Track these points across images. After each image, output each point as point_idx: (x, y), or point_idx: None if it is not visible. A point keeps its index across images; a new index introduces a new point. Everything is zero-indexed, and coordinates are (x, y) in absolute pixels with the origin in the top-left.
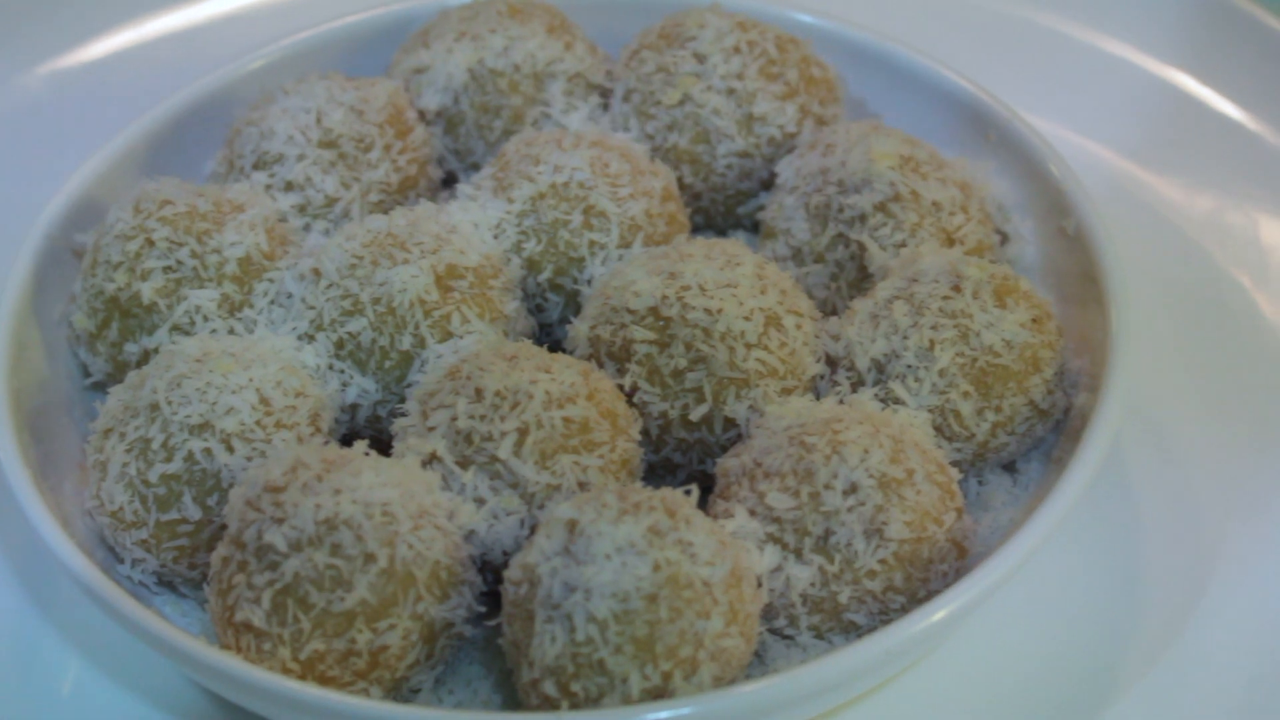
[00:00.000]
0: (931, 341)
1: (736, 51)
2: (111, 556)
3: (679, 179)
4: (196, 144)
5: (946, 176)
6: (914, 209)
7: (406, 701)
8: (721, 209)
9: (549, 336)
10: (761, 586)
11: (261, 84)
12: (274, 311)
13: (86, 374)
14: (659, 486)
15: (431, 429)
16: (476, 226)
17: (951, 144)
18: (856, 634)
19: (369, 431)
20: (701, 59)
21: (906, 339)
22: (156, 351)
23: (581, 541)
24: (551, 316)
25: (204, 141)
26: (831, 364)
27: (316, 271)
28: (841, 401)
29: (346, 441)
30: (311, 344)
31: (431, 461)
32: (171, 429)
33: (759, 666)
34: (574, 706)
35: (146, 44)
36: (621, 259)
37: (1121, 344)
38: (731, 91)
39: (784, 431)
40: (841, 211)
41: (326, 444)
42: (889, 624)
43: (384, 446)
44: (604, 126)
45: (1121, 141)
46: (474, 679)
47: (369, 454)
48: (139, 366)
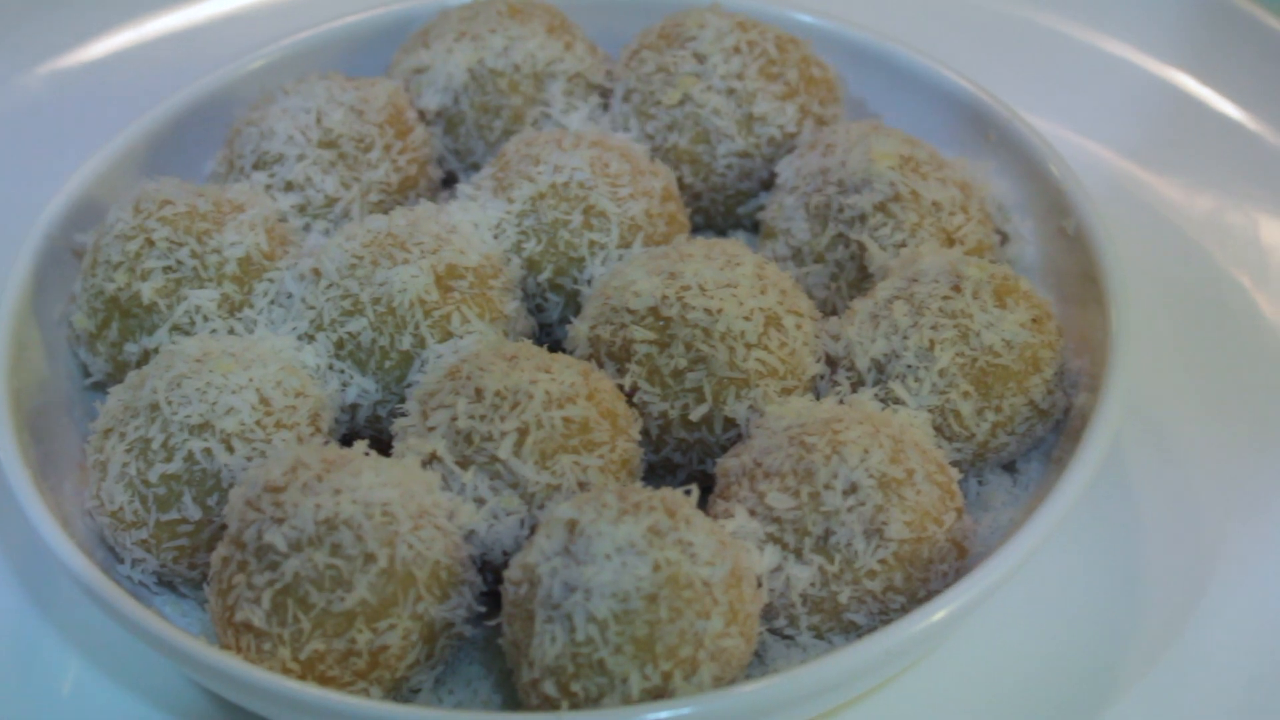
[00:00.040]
0: (931, 341)
1: (736, 51)
2: (111, 556)
3: (679, 179)
4: (196, 144)
5: (946, 176)
6: (914, 209)
7: (406, 701)
8: (721, 209)
9: (549, 336)
10: (761, 586)
11: (261, 84)
12: (274, 311)
13: (86, 374)
14: (659, 486)
15: (431, 429)
16: (476, 226)
17: (951, 144)
18: (856, 634)
19: (369, 431)
20: (701, 59)
21: (906, 339)
22: (156, 351)
23: (581, 541)
24: (551, 316)
25: (204, 141)
26: (831, 364)
27: (316, 271)
28: (841, 401)
29: (346, 441)
30: (311, 344)
31: (431, 461)
32: (171, 429)
33: (759, 666)
34: (574, 706)
35: (146, 44)
36: (621, 259)
37: (1121, 344)
38: (731, 91)
39: (784, 431)
40: (841, 211)
41: (326, 444)
42: (889, 624)
43: (384, 447)
44: (604, 126)
45: (1121, 141)
46: (474, 679)
47: (369, 454)
48: (139, 366)
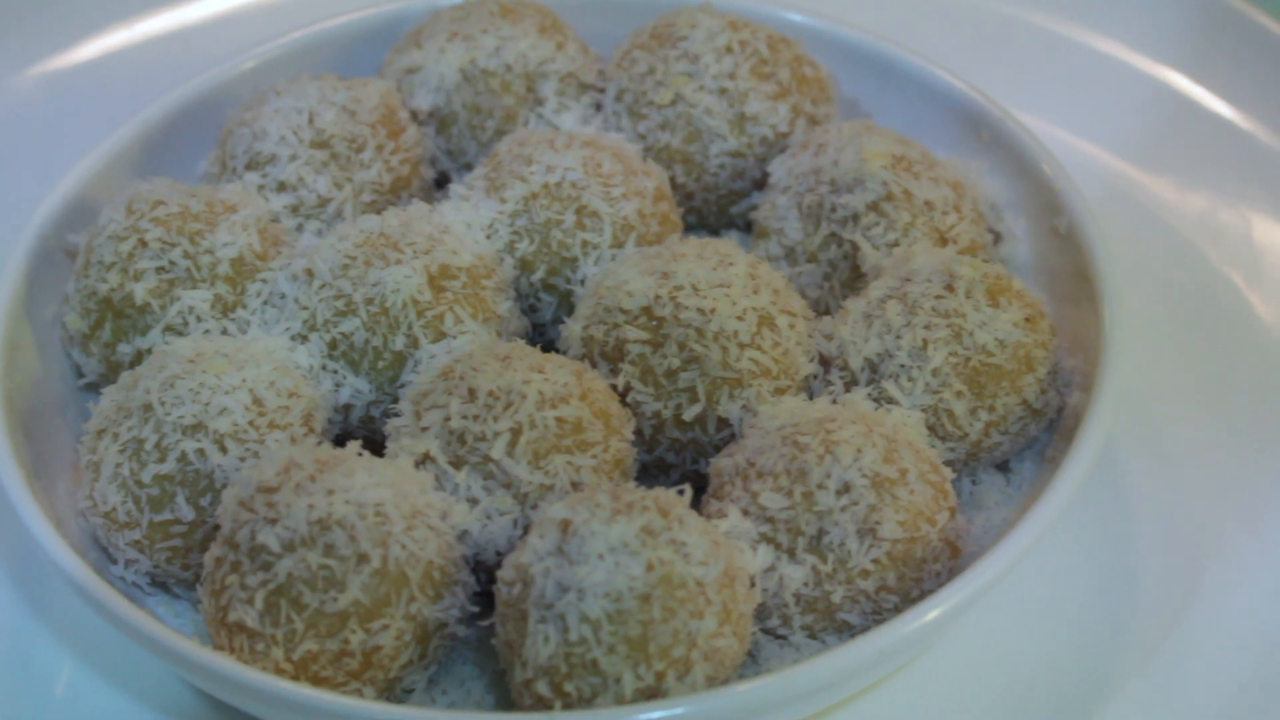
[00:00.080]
0: (925, 341)
1: (728, 51)
2: (105, 557)
3: (671, 179)
4: (189, 144)
5: (939, 176)
6: (906, 208)
7: (400, 702)
8: (714, 209)
9: (542, 336)
10: (755, 586)
11: (254, 84)
12: (267, 312)
13: (80, 375)
14: (652, 486)
15: (425, 429)
16: (469, 226)
17: (944, 143)
18: (850, 634)
19: (362, 432)
20: (693, 59)
21: (900, 338)
22: (149, 352)
23: (575, 541)
24: (545, 316)
25: (196, 142)
26: (825, 364)
27: (309, 272)
28: (835, 401)
29: (340, 442)
30: (304, 344)
31: (425, 462)
32: (165, 429)
33: (752, 666)
34: (567, 707)
35: (139, 44)
36: (614, 259)
37: (1114, 343)
38: (724, 91)
39: (777, 431)
40: (834, 211)
41: (320, 444)
42: (882, 624)
43: (377, 447)
44: (596, 126)
45: (1114, 141)
46: (467, 679)
47: (362, 454)
48: (132, 367)
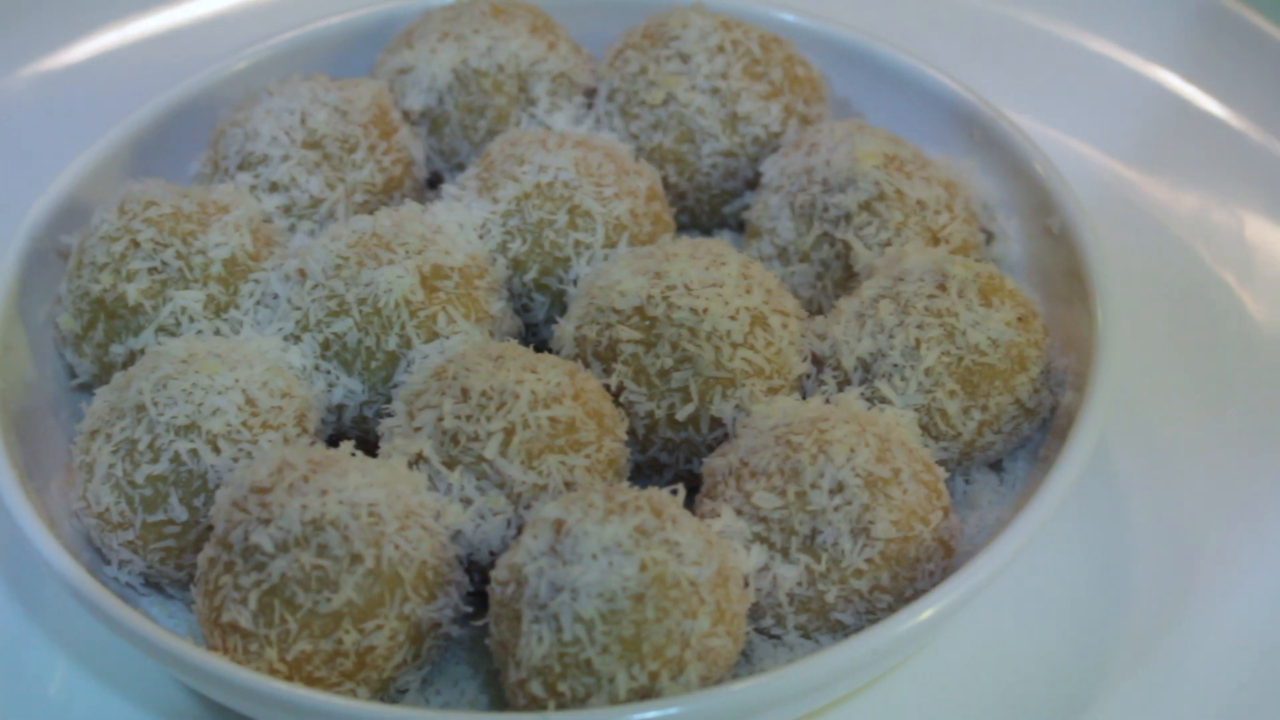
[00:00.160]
0: (917, 340)
1: (720, 51)
2: (98, 558)
3: (664, 178)
4: (181, 145)
5: (931, 175)
6: (899, 208)
7: (394, 702)
8: (706, 208)
9: (535, 336)
10: (748, 586)
11: (246, 85)
12: (260, 312)
13: (73, 375)
14: (645, 486)
15: (418, 429)
16: (461, 227)
17: (936, 143)
18: (843, 633)
19: (355, 432)
20: (685, 58)
21: (892, 338)
22: (142, 352)
23: (568, 541)
24: (537, 316)
25: (189, 143)
26: (817, 363)
27: (302, 272)
28: (828, 401)
29: (333, 442)
30: (297, 345)
31: (418, 462)
32: (158, 430)
33: (746, 666)
34: (561, 706)
35: (131, 45)
36: (607, 259)
37: (1107, 342)
38: (716, 91)
39: (770, 431)
40: (826, 210)
41: (313, 445)
42: (876, 623)
43: (370, 447)
44: (588, 126)
45: (1107, 140)
46: (461, 679)
47: (355, 455)
48: (125, 368)
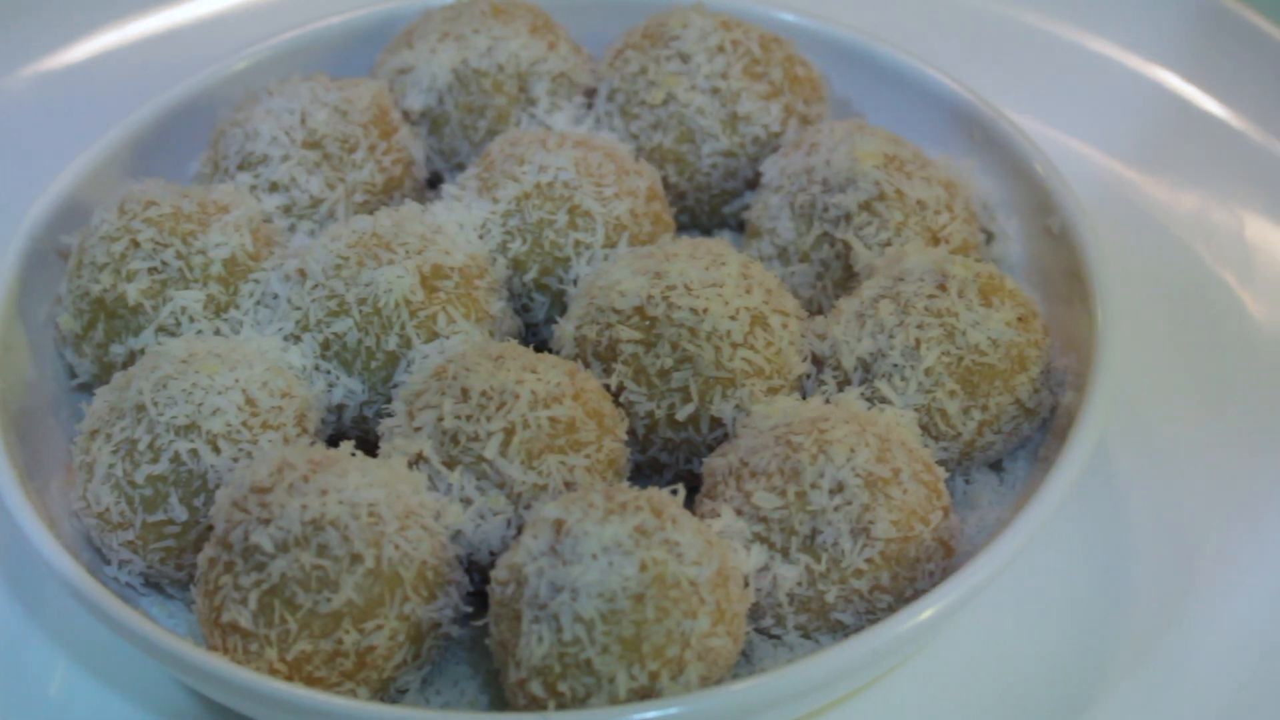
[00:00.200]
0: (917, 340)
1: (720, 51)
2: (98, 558)
3: (664, 178)
4: (181, 145)
5: (931, 175)
6: (899, 208)
7: (394, 702)
8: (706, 208)
9: (535, 336)
10: (748, 586)
11: (246, 85)
12: (260, 312)
13: (73, 375)
14: (645, 486)
15: (418, 429)
16: (461, 227)
17: (936, 143)
18: (843, 633)
19: (355, 432)
20: (685, 58)
21: (892, 338)
22: (142, 353)
23: (568, 541)
24: (537, 316)
25: (189, 143)
26: (817, 363)
27: (302, 272)
28: (828, 401)
29: (333, 442)
30: (297, 345)
31: (418, 462)
32: (158, 430)
33: (746, 666)
34: (561, 706)
35: (131, 45)
36: (607, 259)
37: (1107, 342)
38: (716, 91)
39: (770, 431)
40: (826, 210)
41: (313, 445)
42: (876, 623)
43: (370, 447)
44: (588, 126)
45: (1107, 140)
46: (461, 679)
47: (355, 455)
48: (125, 368)
